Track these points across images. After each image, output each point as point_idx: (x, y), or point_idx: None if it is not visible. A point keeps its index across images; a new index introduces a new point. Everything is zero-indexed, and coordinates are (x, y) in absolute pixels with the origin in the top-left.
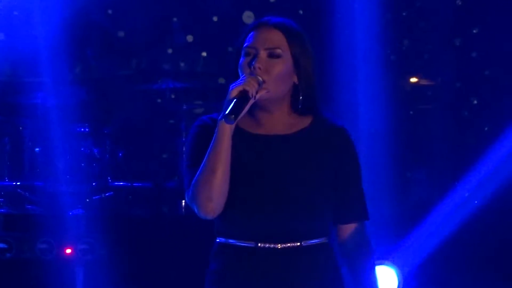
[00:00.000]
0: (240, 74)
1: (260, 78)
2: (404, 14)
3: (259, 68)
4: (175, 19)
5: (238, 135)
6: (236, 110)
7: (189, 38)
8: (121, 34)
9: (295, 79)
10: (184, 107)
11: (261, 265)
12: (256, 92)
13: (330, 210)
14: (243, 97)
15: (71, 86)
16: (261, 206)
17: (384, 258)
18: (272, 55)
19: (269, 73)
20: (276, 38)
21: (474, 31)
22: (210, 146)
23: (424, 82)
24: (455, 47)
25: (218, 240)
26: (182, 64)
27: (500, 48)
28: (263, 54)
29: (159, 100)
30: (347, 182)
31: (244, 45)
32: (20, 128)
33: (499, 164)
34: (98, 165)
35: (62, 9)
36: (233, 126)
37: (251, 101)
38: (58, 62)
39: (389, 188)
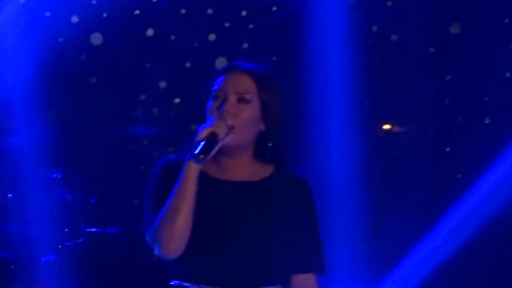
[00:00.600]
0: (208, 116)
1: (229, 122)
2: (376, 61)
3: (228, 112)
4: (148, 65)
5: (201, 179)
6: (205, 151)
7: (162, 84)
8: (93, 80)
9: (262, 126)
10: (157, 153)
11: None
12: (225, 136)
13: (288, 259)
14: (212, 139)
15: (44, 130)
16: (220, 251)
17: None
18: (241, 100)
19: (237, 118)
20: (246, 83)
21: (447, 78)
22: (175, 186)
23: (397, 128)
24: (428, 93)
25: (172, 283)
26: (155, 110)
27: (473, 95)
28: (232, 98)
29: (131, 147)
30: (305, 234)
31: (213, 88)
32: None
33: (472, 212)
34: (71, 211)
35: (35, 55)
36: (200, 167)
37: (219, 144)
38: (30, 107)
39: (364, 233)
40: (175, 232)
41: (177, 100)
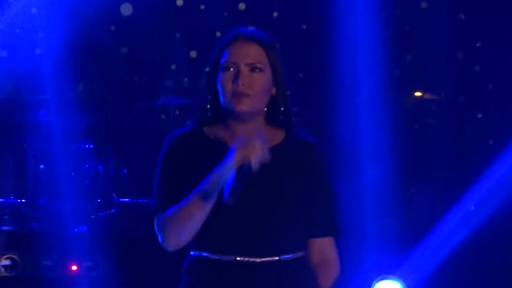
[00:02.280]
0: (220, 89)
1: (245, 92)
2: (407, 28)
3: (243, 84)
4: (178, 34)
5: (213, 145)
6: (237, 192)
7: (193, 53)
8: (123, 50)
9: (273, 91)
10: (189, 123)
11: (240, 278)
12: (259, 162)
13: (304, 225)
14: (243, 173)
15: (74, 103)
16: (236, 219)
17: (389, 273)
18: (254, 70)
19: (252, 87)
20: (256, 52)
21: (477, 45)
22: (194, 192)
23: (427, 96)
24: (458, 61)
25: (192, 253)
26: (185, 80)
27: (504, 61)
28: (245, 69)
29: (163, 116)
30: (318, 198)
31: (223, 60)
32: (24, 145)
33: (504, 178)
34: (103, 182)
35: (64, 27)
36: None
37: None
38: (61, 79)
39: (393, 202)
40: (182, 237)
41: (207, 69)
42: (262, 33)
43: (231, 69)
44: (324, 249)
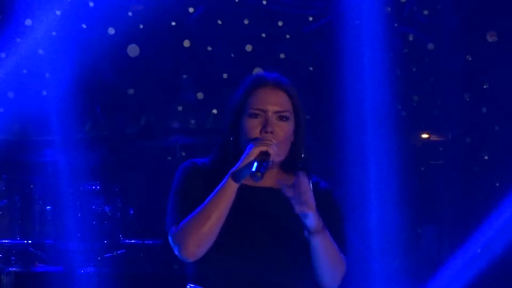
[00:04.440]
0: (244, 134)
1: (275, 141)
2: (414, 69)
3: (271, 132)
4: (184, 76)
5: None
6: (261, 169)
7: (199, 95)
8: (130, 91)
9: (292, 138)
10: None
11: None
12: (275, 154)
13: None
14: (265, 158)
15: (81, 143)
16: (243, 257)
17: None
18: (281, 118)
19: (278, 136)
20: (284, 100)
21: (484, 86)
22: (212, 194)
23: (434, 137)
24: (465, 102)
25: (188, 286)
26: (192, 121)
27: (511, 103)
28: (273, 117)
29: (169, 158)
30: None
31: (250, 106)
32: (31, 186)
33: (511, 220)
34: (109, 223)
35: (71, 68)
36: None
37: (270, 162)
38: (68, 119)
39: (400, 243)
40: (201, 238)
41: (214, 111)
42: (285, 79)
43: (259, 116)
44: None
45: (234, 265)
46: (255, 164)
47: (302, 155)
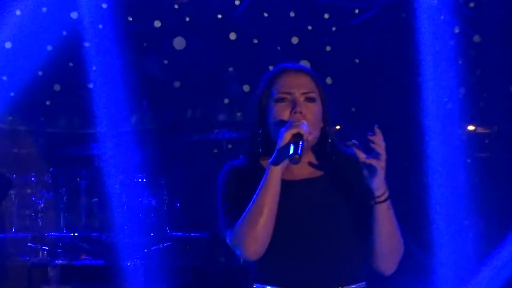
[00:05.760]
0: (277, 120)
1: (306, 122)
2: (460, 62)
3: (301, 112)
4: (231, 68)
5: None
6: (298, 151)
7: (246, 88)
8: (177, 84)
9: (321, 123)
10: (241, 157)
11: None
12: (309, 134)
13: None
14: (299, 139)
15: (127, 136)
16: (300, 252)
17: None
18: (308, 99)
19: (307, 117)
20: (308, 82)
21: None
22: (258, 188)
23: (481, 130)
24: (511, 94)
25: (255, 286)
26: (238, 114)
27: None
28: (300, 98)
29: (215, 150)
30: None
31: (276, 91)
32: (77, 179)
33: None
34: (156, 216)
35: (117, 61)
36: (282, 169)
37: (305, 143)
38: (114, 112)
39: (447, 236)
40: (258, 234)
41: (254, 104)
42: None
43: (286, 100)
44: None
45: (292, 262)
46: (292, 146)
47: (329, 141)
